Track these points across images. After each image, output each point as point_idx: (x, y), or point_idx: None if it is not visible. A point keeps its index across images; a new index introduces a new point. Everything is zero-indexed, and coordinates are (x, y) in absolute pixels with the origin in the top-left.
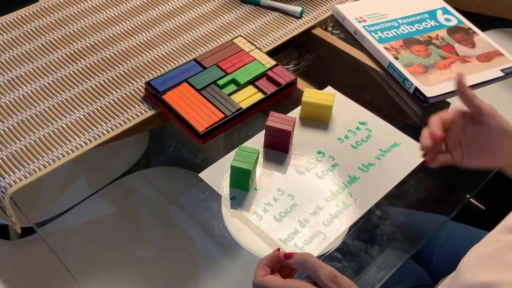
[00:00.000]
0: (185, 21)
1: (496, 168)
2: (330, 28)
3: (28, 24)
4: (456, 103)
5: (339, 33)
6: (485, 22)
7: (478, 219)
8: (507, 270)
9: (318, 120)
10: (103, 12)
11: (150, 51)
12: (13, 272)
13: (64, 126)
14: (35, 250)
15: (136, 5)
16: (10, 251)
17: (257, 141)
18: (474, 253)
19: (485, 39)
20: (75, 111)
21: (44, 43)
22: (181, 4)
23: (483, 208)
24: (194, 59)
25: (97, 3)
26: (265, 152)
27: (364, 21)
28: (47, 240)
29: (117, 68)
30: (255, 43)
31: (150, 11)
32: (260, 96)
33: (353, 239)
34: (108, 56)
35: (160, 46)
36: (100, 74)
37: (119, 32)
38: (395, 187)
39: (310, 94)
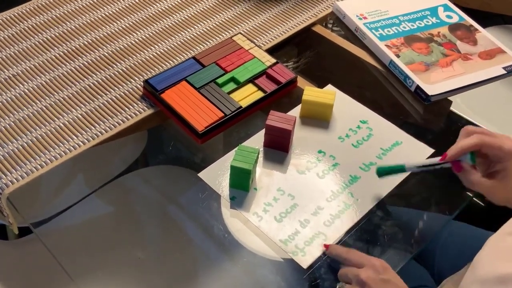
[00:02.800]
0: (183, 19)
1: None
2: (330, 25)
3: (25, 22)
4: (457, 101)
5: (339, 30)
6: (485, 19)
7: (480, 218)
8: None
9: (319, 118)
10: (101, 9)
11: (149, 49)
12: (10, 272)
13: (62, 125)
14: (33, 250)
15: (134, 2)
16: (7, 251)
17: (257, 140)
18: (490, 247)
19: (487, 36)
20: (73, 110)
21: (41, 41)
22: (180, 1)
23: (485, 207)
24: (193, 57)
25: (95, 0)
26: (265, 152)
27: (365, 18)
28: (44, 240)
29: (115, 66)
30: (254, 40)
31: (148, 8)
32: (260, 94)
33: (355, 240)
34: (106, 54)
35: (159, 44)
36: (97, 73)
37: (117, 29)
38: (397, 186)
39: (310, 92)
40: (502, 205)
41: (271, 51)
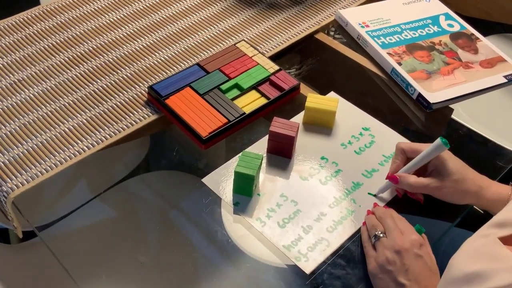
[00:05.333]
0: (188, 25)
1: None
2: (332, 33)
3: (30, 27)
4: (458, 109)
5: (341, 38)
6: (486, 28)
7: (480, 225)
8: (493, 260)
9: (321, 125)
10: (106, 15)
11: (153, 55)
12: (13, 276)
13: (67, 130)
14: (35, 254)
15: (139, 9)
16: (10, 255)
17: (260, 146)
18: (464, 248)
19: (488, 45)
20: (78, 115)
21: (46, 46)
22: (184, 8)
23: (485, 214)
24: (197, 64)
25: (100, 6)
26: (268, 158)
27: (367, 26)
28: (48, 244)
29: (120, 72)
30: (258, 47)
31: (153, 15)
32: (263, 101)
33: (357, 246)
34: (111, 60)
35: (163, 50)
36: (102, 78)
37: (121, 35)
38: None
39: (313, 99)
40: (457, 203)
41: (274, 58)
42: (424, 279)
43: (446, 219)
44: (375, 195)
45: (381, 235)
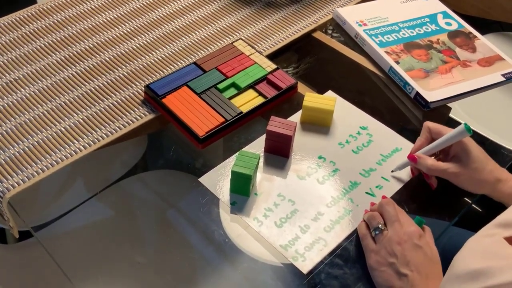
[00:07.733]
0: (185, 24)
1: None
2: (330, 32)
3: (27, 26)
4: (456, 108)
5: (339, 36)
6: (483, 26)
7: (479, 224)
8: (499, 258)
9: (319, 124)
10: (103, 14)
11: (150, 54)
12: (10, 276)
13: (63, 129)
14: (32, 254)
15: (135, 8)
16: (7, 255)
17: (257, 146)
18: (468, 247)
19: (486, 44)
20: (74, 114)
21: (42, 45)
22: (181, 7)
23: (483, 213)
24: (194, 63)
25: (96, 5)
26: (265, 157)
27: (365, 24)
28: (44, 244)
29: (116, 71)
30: (255, 46)
31: (150, 14)
32: (260, 100)
33: (355, 246)
34: (107, 59)
35: (160, 49)
36: (99, 77)
37: (118, 34)
38: (397, 192)
39: (311, 98)
40: (472, 191)
41: (271, 57)
42: (425, 268)
43: (444, 219)
44: (392, 171)
45: (383, 228)
